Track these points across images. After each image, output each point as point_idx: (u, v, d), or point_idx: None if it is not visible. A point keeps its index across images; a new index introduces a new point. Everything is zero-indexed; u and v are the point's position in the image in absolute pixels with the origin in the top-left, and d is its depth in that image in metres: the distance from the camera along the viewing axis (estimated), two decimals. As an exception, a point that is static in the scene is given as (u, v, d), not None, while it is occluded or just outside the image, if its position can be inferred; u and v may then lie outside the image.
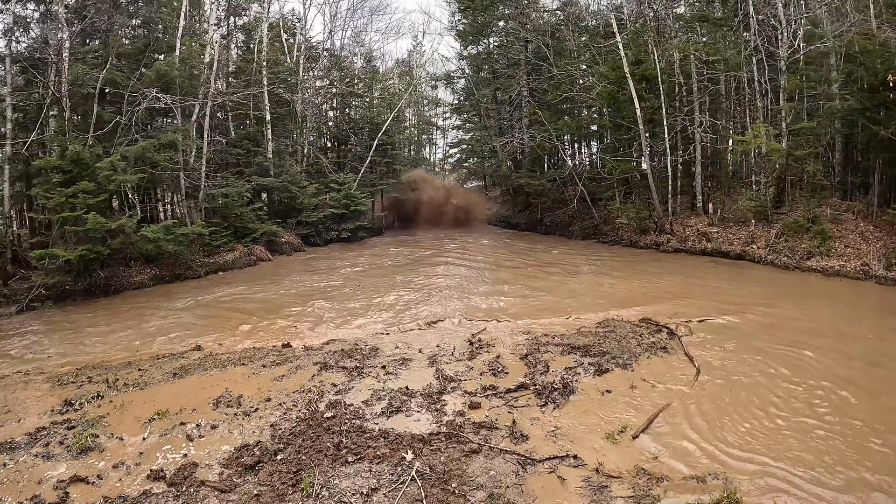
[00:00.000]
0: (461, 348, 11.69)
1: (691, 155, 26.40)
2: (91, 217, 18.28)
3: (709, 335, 12.30)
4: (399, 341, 12.52)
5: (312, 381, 10.05)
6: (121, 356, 12.58)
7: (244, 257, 24.54)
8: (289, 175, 29.13)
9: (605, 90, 26.56)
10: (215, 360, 11.64)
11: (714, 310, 14.36)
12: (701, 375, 9.93)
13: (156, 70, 22.23)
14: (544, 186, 31.62)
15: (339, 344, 12.40)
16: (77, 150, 19.16)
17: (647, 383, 9.65)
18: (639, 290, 17.26)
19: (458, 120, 49.68)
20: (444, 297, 17.30)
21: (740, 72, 25.00)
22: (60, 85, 20.65)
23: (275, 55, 32.48)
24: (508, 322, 14.02)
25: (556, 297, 16.77)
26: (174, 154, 23.41)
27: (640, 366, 10.43)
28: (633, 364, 10.45)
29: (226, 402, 9.41)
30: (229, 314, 16.11)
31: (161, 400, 9.67)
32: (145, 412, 9.19)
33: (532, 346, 11.60)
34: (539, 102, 32.48)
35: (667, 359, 10.81)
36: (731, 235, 23.26)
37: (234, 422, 8.68)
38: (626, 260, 22.87)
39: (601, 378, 9.89)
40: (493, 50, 38.56)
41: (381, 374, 10.29)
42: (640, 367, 10.38)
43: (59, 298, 18.71)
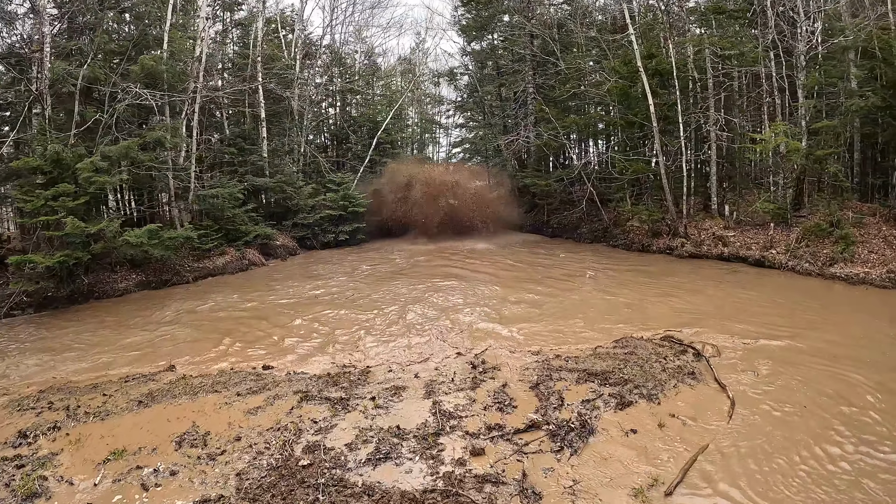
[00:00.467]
0: (462, 373, 10.35)
1: (705, 154, 25.08)
2: (69, 221, 17.13)
3: (738, 355, 10.96)
4: (393, 362, 11.25)
5: (290, 416, 8.78)
6: (89, 376, 11.42)
7: (236, 262, 23.29)
8: (284, 175, 27.85)
9: (616, 86, 25.23)
10: (187, 384, 10.41)
11: (740, 324, 12.98)
12: (736, 408, 8.63)
13: (141, 65, 20.99)
14: (551, 187, 30.25)
15: (325, 365, 11.17)
16: (57, 150, 17.94)
17: (677, 419, 8.34)
18: (656, 300, 15.83)
19: (462, 118, 48.33)
20: (447, 308, 15.90)
21: (757, 67, 23.61)
22: (42, 82, 19.47)
23: (272, 51, 31.31)
24: (515, 339, 12.65)
25: (567, 308, 15.31)
26: (162, 153, 22.19)
27: (667, 397, 9.09)
28: (658, 394, 9.11)
29: (190, 441, 8.21)
30: (212, 326, 14.84)
31: (121, 434, 8.58)
32: (102, 450, 8.11)
33: (543, 371, 10.23)
34: (545, 99, 31.16)
35: (696, 388, 9.47)
36: (748, 239, 21.90)
37: (196, 467, 7.46)
38: (639, 266, 21.38)
39: (624, 413, 8.56)
40: (497, 45, 37.20)
41: (370, 407, 8.97)
42: (666, 398, 9.05)
43: (41, 306, 17.67)
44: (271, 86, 28.74)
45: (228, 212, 23.92)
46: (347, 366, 11.17)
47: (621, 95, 25.66)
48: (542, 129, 30.05)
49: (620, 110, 26.48)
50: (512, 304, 15.91)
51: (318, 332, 13.86)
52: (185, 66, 23.88)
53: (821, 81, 22.12)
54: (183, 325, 15.10)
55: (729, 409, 8.62)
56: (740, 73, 25.15)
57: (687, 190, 24.12)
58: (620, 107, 26.47)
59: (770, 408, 8.71)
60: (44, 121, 19.51)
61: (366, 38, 42.85)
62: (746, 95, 26.74)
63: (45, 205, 17.46)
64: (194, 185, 23.51)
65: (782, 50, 22.85)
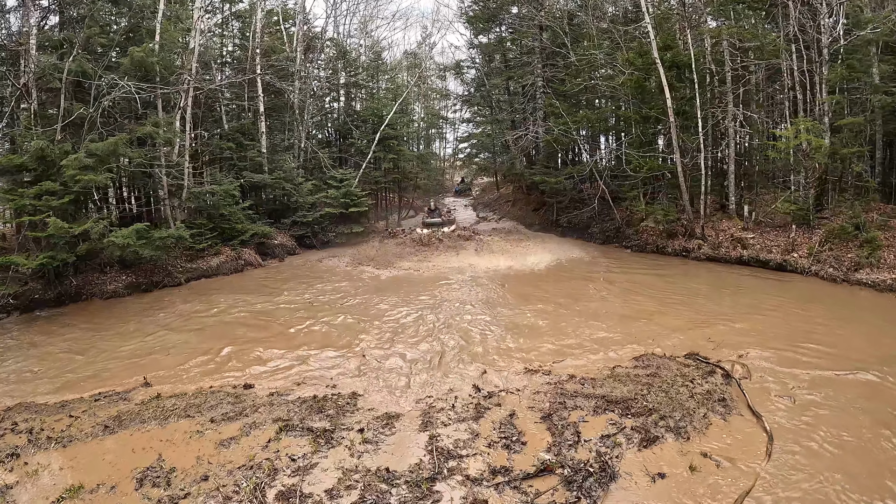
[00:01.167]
0: (465, 398, 9.22)
1: (724, 151, 23.89)
2: (52, 221, 16.11)
3: (770, 376, 9.83)
4: (385, 385, 10.12)
5: (267, 450, 7.72)
6: (60, 393, 10.42)
7: (231, 262, 22.19)
8: (283, 171, 26.74)
9: (630, 79, 24.03)
10: (158, 406, 9.39)
11: (768, 338, 11.83)
12: (775, 442, 7.52)
13: (131, 57, 19.96)
14: (561, 184, 29.05)
15: (311, 387, 10.06)
16: (41, 147, 16.93)
17: (710, 460, 7.22)
18: (676, 309, 14.66)
19: (469, 112, 47.19)
20: (448, 318, 14.75)
21: (778, 60, 22.40)
22: (28, 76, 18.51)
23: (272, 43, 30.25)
24: (523, 355, 11.48)
25: (581, 318, 14.07)
26: (153, 150, 21.17)
27: (697, 430, 7.97)
28: (687, 427, 8.00)
29: (153, 479, 7.24)
30: (196, 335, 13.77)
31: (81, 465, 7.69)
32: (58, 485, 7.23)
33: (556, 397, 9.08)
34: (555, 93, 29.96)
35: (729, 419, 8.33)
36: (768, 242, 20.72)
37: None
38: (655, 270, 20.13)
39: (649, 451, 7.44)
40: (505, 37, 35.98)
41: (357, 441, 7.87)
42: (696, 431, 7.93)
43: (28, 308, 16.72)
44: (267, 78, 27.60)
45: (224, 209, 22.82)
46: (337, 384, 10.07)
47: (636, 89, 24.46)
48: (551, 125, 28.84)
49: (635, 104, 25.23)
50: (520, 314, 14.67)
51: (305, 345, 12.67)
52: (179, 59, 22.85)
53: (844, 76, 20.95)
54: (166, 333, 14.03)
55: (767, 445, 7.50)
56: (758, 67, 23.88)
57: (704, 189, 22.93)
58: (635, 101, 25.23)
59: (815, 444, 7.59)
60: (30, 116, 18.52)
61: (371, 32, 41.80)
62: (764, 91, 25.55)
63: (28, 204, 16.50)
64: (188, 181, 22.45)
65: (803, 44, 21.68)
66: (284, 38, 31.97)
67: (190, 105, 22.90)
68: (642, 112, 24.54)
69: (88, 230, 17.07)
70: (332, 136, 37.32)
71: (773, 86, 24.95)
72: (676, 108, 22.57)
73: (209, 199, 22.56)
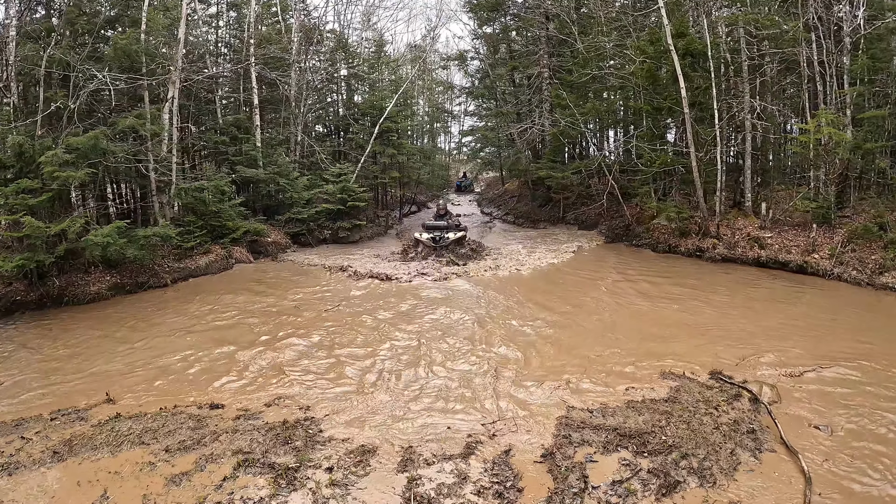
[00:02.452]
0: (453, 428, 8.18)
1: (739, 146, 22.75)
2: (27, 221, 15.28)
3: (804, 398, 8.69)
4: (364, 413, 8.99)
5: (220, 491, 6.68)
6: (20, 410, 9.52)
7: (220, 261, 21.23)
8: (278, 166, 25.76)
9: (641, 67, 22.86)
10: (113, 430, 8.42)
11: (796, 349, 10.70)
12: (814, 487, 6.44)
13: (114, 46, 19.04)
14: (568, 179, 27.99)
15: (283, 409, 8.99)
16: (19, 143, 16.14)
17: (740, 514, 6.13)
18: (692, 317, 13.46)
19: (473, 105, 46.18)
20: (445, 330, 13.68)
21: (796, 49, 21.24)
22: (8, 69, 17.83)
23: (268, 33, 29.31)
24: (521, 374, 10.36)
25: (588, 329, 12.87)
26: (139, 144, 20.26)
27: (724, 472, 6.82)
28: (713, 468, 6.85)
29: (92, 523, 6.23)
30: (174, 343, 12.78)
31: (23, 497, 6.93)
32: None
33: (560, 429, 7.93)
34: (562, 83, 28.87)
35: (760, 456, 7.18)
36: (787, 242, 19.55)
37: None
38: (668, 272, 18.95)
39: (669, 502, 6.30)
40: (510, 26, 34.88)
41: (324, 483, 6.80)
42: (723, 474, 6.77)
43: (8, 311, 15.87)
44: (258, 68, 26.60)
45: (214, 206, 21.87)
46: (310, 408, 9.02)
47: (647, 78, 23.29)
48: (558, 116, 27.75)
49: (646, 95, 24.07)
50: (520, 325, 13.46)
51: (284, 358, 11.55)
52: (166, 49, 21.93)
53: (867, 66, 19.82)
54: (143, 340, 13.08)
55: (804, 489, 6.42)
56: (774, 56, 22.70)
57: (720, 185, 21.79)
58: (646, 91, 24.06)
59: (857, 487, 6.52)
60: (10, 111, 17.71)
61: (374, 24, 40.79)
62: (780, 82, 24.38)
63: (4, 202, 15.75)
64: (176, 177, 21.51)
65: (822, 32, 20.55)
66: (282, 28, 31.01)
67: (177, 97, 21.90)
68: (654, 103, 23.38)
69: (66, 229, 16.18)
70: (332, 129, 36.37)
71: (789, 77, 23.74)
72: (690, 99, 21.42)
73: (198, 195, 21.58)
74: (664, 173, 23.56)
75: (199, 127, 26.85)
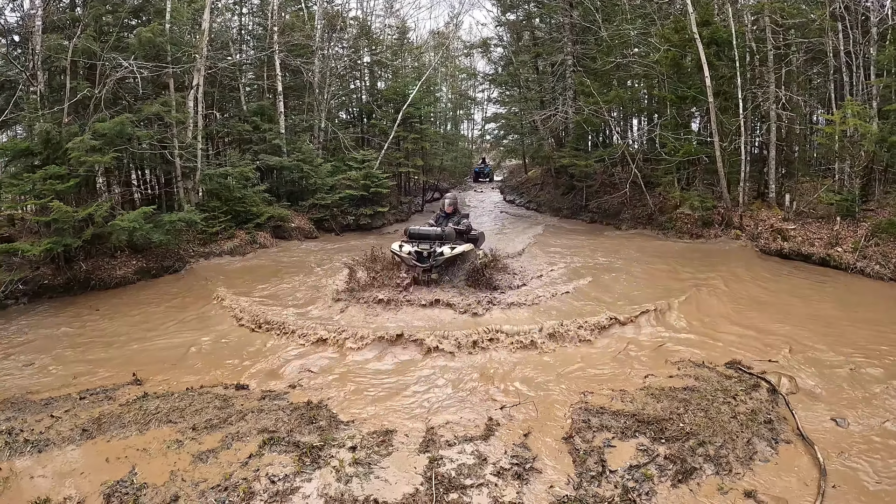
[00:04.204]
0: (473, 411, 8.21)
1: (764, 136, 22.53)
2: (55, 205, 15.57)
3: (822, 393, 8.66)
4: (385, 389, 9.17)
5: (246, 468, 6.83)
6: (49, 389, 9.72)
7: (245, 246, 21.55)
8: (302, 152, 25.94)
9: (665, 56, 22.68)
10: (142, 408, 8.60)
11: (817, 343, 10.58)
12: (829, 478, 6.45)
13: (139, 37, 19.28)
14: (591, 168, 27.88)
15: (305, 390, 9.17)
16: (46, 130, 16.45)
17: (754, 502, 6.20)
18: (713, 305, 13.41)
19: (496, 92, 46.06)
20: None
21: (822, 39, 20.96)
22: (35, 58, 18.06)
23: (292, 21, 29.44)
24: (542, 359, 10.34)
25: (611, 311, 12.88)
26: (165, 130, 20.56)
27: (740, 461, 6.82)
28: (729, 457, 6.85)
29: (121, 496, 6.46)
30: (198, 324, 13.08)
31: (52, 473, 7.02)
32: (25, 496, 6.58)
33: (580, 414, 7.95)
34: (586, 71, 28.72)
35: (776, 446, 7.20)
36: (810, 234, 19.30)
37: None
38: (691, 261, 18.64)
39: (685, 488, 6.31)
40: (534, 13, 34.68)
41: (347, 462, 6.92)
42: (739, 463, 6.78)
43: (36, 295, 16.16)
44: (282, 55, 26.76)
45: (238, 192, 22.15)
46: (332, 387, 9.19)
47: (671, 67, 23.09)
48: (582, 104, 27.62)
49: (671, 84, 23.88)
50: (544, 307, 13.43)
51: (307, 338, 11.54)
52: (190, 38, 22.18)
53: (894, 57, 19.51)
54: (167, 323, 13.36)
55: (819, 482, 6.45)
56: (800, 46, 22.41)
57: (743, 175, 21.62)
58: (670, 80, 23.87)
59: (869, 482, 6.52)
60: (37, 100, 17.99)
61: (396, 11, 40.73)
62: (806, 72, 24.04)
63: (33, 188, 16.03)
64: (201, 163, 21.77)
65: (850, 22, 20.27)
66: (305, 15, 31.11)
67: (202, 85, 22.15)
68: (678, 92, 23.19)
69: (93, 214, 16.47)
70: (355, 116, 36.50)
71: (815, 67, 23.43)
72: (715, 88, 21.23)
73: (223, 181, 21.83)
74: (688, 163, 23.40)
75: (224, 114, 27.10)
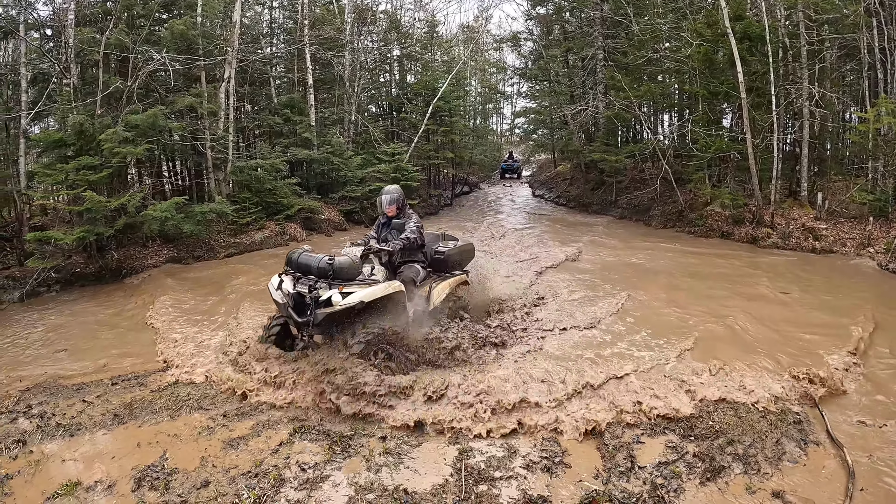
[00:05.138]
0: (505, 400, 8.12)
1: (796, 133, 22.20)
2: (89, 195, 15.94)
3: (853, 394, 8.44)
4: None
5: (276, 456, 6.90)
6: (82, 374, 9.92)
7: (275, 237, 21.83)
8: (332, 145, 26.07)
9: (697, 50, 22.39)
10: (172, 395, 8.74)
11: (846, 343, 10.36)
12: (857, 482, 6.33)
13: (171, 30, 19.52)
14: (622, 163, 27.66)
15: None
16: (80, 122, 16.79)
17: (782, 503, 6.13)
18: (748, 303, 13.22)
19: (525, 86, 45.95)
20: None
21: (858, 33, 20.59)
22: (68, 51, 18.40)
23: (323, 15, 29.58)
24: (567, 353, 9.99)
25: (648, 313, 12.52)
26: (196, 122, 20.83)
27: (769, 461, 6.71)
28: (758, 457, 6.74)
29: (151, 481, 6.54)
30: (225, 311, 13.13)
31: (83, 457, 7.15)
32: (56, 479, 6.67)
33: (610, 409, 7.85)
34: (616, 66, 28.48)
35: (806, 447, 7.06)
36: (842, 234, 19.02)
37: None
38: (724, 259, 18.39)
39: (713, 486, 6.23)
40: (564, 6, 34.45)
41: (378, 451, 6.96)
42: (768, 463, 6.67)
43: (69, 282, 16.53)
44: (313, 48, 26.90)
45: (269, 184, 22.34)
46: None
47: (703, 62, 22.78)
48: (612, 99, 27.41)
49: (702, 79, 23.57)
50: (574, 293, 13.43)
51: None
52: (221, 31, 22.41)
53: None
54: (194, 314, 13.34)
55: (847, 485, 6.34)
56: (834, 42, 22.02)
57: (775, 173, 21.34)
58: (702, 75, 23.57)
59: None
60: (70, 92, 18.35)
61: (427, 5, 40.78)
62: (840, 69, 23.61)
63: (66, 178, 16.40)
64: (232, 155, 22.00)
65: (884, 18, 19.98)
66: (335, 9, 31.22)
67: (233, 78, 22.37)
68: (710, 87, 22.88)
69: (125, 204, 16.74)
70: (385, 109, 36.59)
71: (849, 63, 23.03)
72: (747, 84, 20.93)
73: (254, 173, 22.04)
74: (719, 159, 23.11)
75: (254, 106, 27.33)
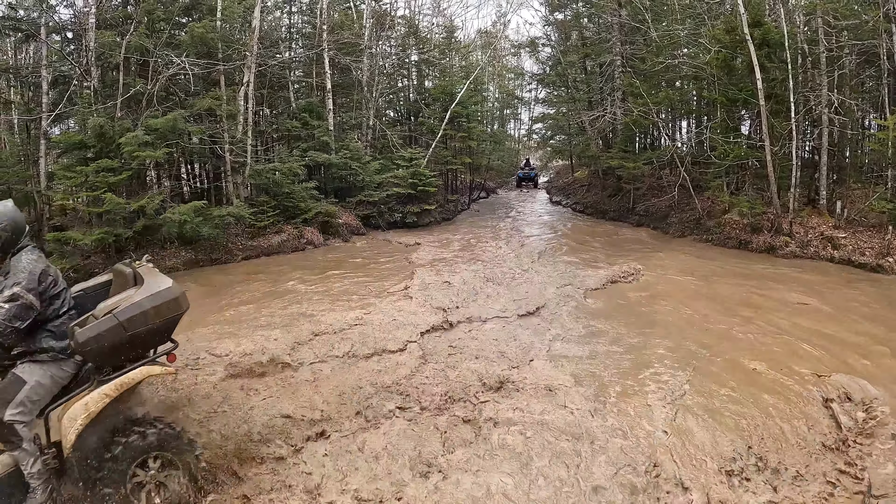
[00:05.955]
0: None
1: (815, 141, 21.97)
2: (108, 197, 16.36)
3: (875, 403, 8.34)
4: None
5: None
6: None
7: (292, 241, 21.89)
8: (350, 150, 26.21)
9: (716, 57, 22.21)
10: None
11: (867, 363, 10.21)
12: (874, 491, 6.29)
13: (190, 34, 19.76)
14: (640, 170, 27.50)
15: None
16: (100, 124, 17.15)
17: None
18: (776, 315, 13.02)
19: (543, 92, 45.87)
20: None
21: (877, 40, 20.36)
22: (88, 54, 18.77)
23: (340, 20, 29.74)
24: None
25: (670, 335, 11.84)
26: (215, 126, 21.09)
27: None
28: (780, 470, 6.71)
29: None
30: (253, 309, 13.21)
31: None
32: None
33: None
34: (634, 71, 28.35)
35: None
36: (861, 243, 18.72)
37: None
38: (742, 267, 18.05)
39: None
40: (582, 12, 34.42)
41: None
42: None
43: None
44: (330, 52, 27.06)
45: (287, 187, 22.53)
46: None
47: (722, 68, 22.57)
48: (630, 105, 27.30)
49: (721, 86, 23.36)
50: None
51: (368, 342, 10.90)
52: (241, 35, 22.64)
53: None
54: (218, 308, 13.38)
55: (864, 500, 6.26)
56: (854, 48, 21.73)
57: (794, 181, 21.13)
58: (720, 82, 23.37)
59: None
60: (91, 94, 18.71)
61: (445, 10, 40.88)
62: (859, 76, 23.29)
63: (86, 181, 16.81)
64: (251, 159, 22.21)
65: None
66: (354, 14, 31.38)
67: (252, 82, 22.59)
68: (729, 94, 22.66)
69: (144, 206, 17.00)
70: (403, 114, 36.74)
71: (868, 70, 22.75)
72: (766, 91, 20.75)
73: (272, 176, 22.24)
74: (737, 167, 22.91)
75: (273, 110, 27.56)
